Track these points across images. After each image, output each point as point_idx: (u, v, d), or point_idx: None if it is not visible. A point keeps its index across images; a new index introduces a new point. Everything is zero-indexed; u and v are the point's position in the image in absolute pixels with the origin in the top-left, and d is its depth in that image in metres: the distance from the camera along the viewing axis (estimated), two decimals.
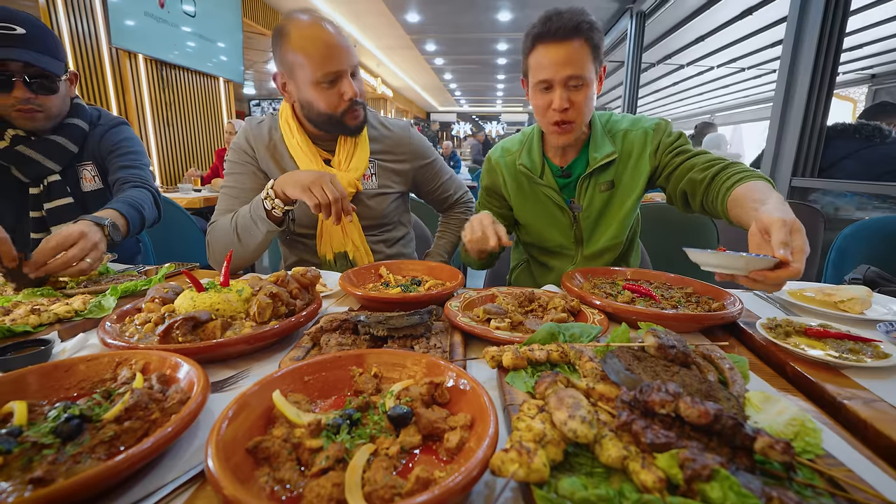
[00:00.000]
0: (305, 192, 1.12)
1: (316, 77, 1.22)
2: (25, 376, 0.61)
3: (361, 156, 1.40)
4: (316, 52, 1.20)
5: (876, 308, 0.97)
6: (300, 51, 1.21)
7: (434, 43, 10.00)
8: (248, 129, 1.43)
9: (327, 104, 1.26)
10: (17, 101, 1.25)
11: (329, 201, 1.11)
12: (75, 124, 1.43)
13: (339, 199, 1.12)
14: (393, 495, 0.40)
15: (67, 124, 1.41)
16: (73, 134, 1.42)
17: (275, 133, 1.40)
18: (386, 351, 0.68)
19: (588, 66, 1.15)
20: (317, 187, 1.12)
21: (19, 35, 1.21)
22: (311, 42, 1.20)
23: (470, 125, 25.16)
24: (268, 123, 1.43)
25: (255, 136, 1.41)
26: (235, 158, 1.41)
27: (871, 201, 2.71)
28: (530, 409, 0.51)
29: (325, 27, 1.22)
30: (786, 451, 0.41)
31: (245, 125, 1.44)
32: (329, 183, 1.12)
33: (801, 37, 2.77)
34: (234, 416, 0.50)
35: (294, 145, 1.36)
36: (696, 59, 8.76)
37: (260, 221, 1.22)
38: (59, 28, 3.87)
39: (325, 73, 1.21)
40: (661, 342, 0.63)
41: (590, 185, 1.33)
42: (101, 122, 1.51)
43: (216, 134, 5.82)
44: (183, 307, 0.82)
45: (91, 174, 1.49)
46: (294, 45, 1.21)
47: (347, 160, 1.39)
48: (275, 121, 1.42)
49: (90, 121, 1.47)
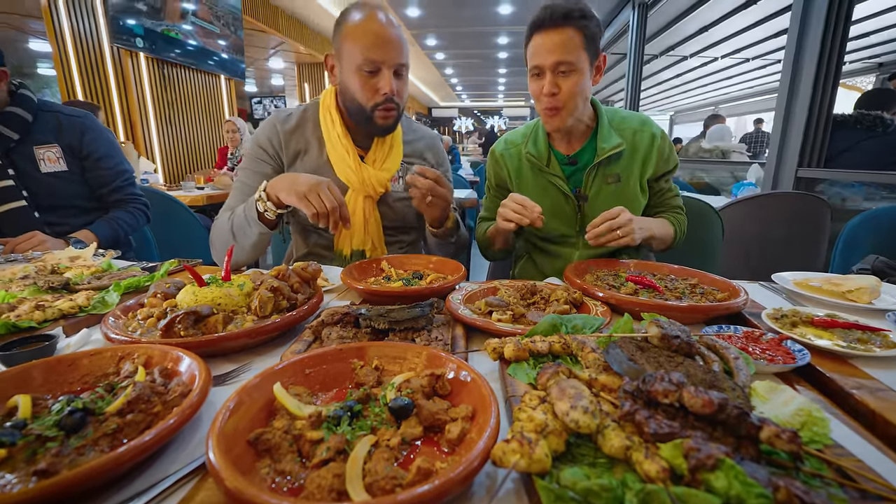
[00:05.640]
0: (302, 201, 1.07)
1: (358, 62, 1.21)
2: (30, 371, 0.61)
3: (395, 157, 1.40)
4: (365, 37, 1.19)
5: (885, 298, 0.96)
6: (352, 34, 1.21)
7: (435, 38, 9.94)
8: (275, 121, 1.39)
9: (362, 93, 1.24)
10: None
11: (327, 210, 1.08)
12: (14, 112, 1.57)
13: (336, 208, 1.08)
14: (394, 486, 0.40)
15: (6, 113, 1.55)
16: (13, 122, 1.56)
17: (308, 123, 1.38)
18: (387, 343, 0.67)
19: (578, 53, 1.17)
20: (314, 195, 1.07)
21: None
22: (364, 29, 1.20)
23: (472, 120, 25.07)
24: (300, 114, 1.40)
25: (281, 129, 1.37)
26: (252, 153, 1.39)
27: (879, 191, 2.68)
28: (532, 400, 0.50)
29: (382, 18, 1.21)
30: (792, 440, 0.41)
31: (272, 117, 1.41)
32: (326, 190, 1.08)
33: (806, 25, 2.73)
34: (235, 409, 0.50)
35: (333, 137, 1.34)
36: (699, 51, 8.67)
37: (253, 223, 1.19)
38: (61, 27, 3.88)
39: (367, 59, 1.20)
40: (665, 332, 0.63)
41: (597, 176, 1.34)
42: (64, 111, 1.69)
43: (218, 132, 5.83)
44: (185, 302, 0.82)
45: (55, 156, 1.64)
46: (349, 29, 1.22)
47: (382, 159, 1.38)
48: (314, 110, 1.40)
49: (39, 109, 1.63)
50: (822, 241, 2.33)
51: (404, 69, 1.27)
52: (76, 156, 1.67)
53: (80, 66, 4.04)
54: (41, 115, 1.63)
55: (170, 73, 4.97)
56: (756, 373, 0.65)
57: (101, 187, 1.74)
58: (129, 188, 1.81)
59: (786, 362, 0.66)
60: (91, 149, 1.69)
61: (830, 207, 2.28)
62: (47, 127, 1.63)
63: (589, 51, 1.19)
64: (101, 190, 1.75)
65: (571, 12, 1.15)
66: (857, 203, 2.76)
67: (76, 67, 4.02)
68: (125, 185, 1.79)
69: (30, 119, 1.59)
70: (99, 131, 1.74)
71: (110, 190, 1.76)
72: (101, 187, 1.74)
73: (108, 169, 1.74)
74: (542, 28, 1.18)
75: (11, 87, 1.59)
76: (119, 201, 1.78)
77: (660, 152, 1.35)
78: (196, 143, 5.48)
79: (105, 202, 1.77)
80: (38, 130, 1.61)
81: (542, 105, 1.25)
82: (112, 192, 1.76)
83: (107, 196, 1.76)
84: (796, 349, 0.70)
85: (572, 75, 1.19)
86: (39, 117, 1.62)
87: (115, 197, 1.77)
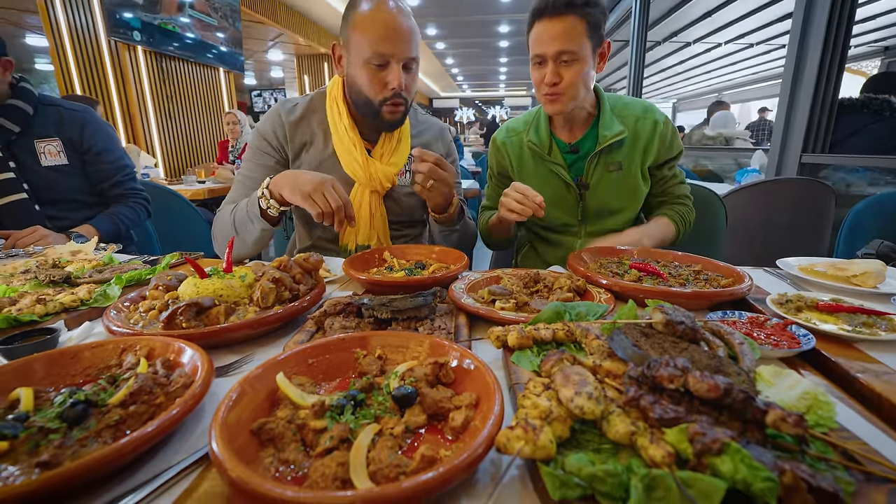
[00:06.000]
0: (307, 200, 1.05)
1: (366, 55, 1.17)
2: (32, 364, 0.61)
3: (403, 151, 1.37)
4: (375, 30, 1.15)
5: (890, 282, 0.95)
6: (360, 25, 1.16)
7: (434, 27, 9.84)
8: (280, 111, 1.35)
9: (370, 87, 1.21)
10: None
11: (332, 210, 1.05)
12: (16, 105, 1.57)
13: (342, 208, 1.06)
14: (398, 474, 0.40)
15: (7, 105, 1.55)
16: (14, 114, 1.56)
17: (314, 114, 1.35)
18: (390, 333, 0.67)
19: (581, 42, 1.15)
20: (318, 195, 1.05)
21: None
22: (372, 20, 1.16)
23: (473, 110, 24.91)
24: (305, 104, 1.37)
25: (286, 120, 1.34)
26: (256, 144, 1.36)
27: (884, 176, 2.65)
28: (536, 387, 0.50)
29: (393, 10, 1.16)
30: (798, 423, 0.40)
31: (277, 107, 1.37)
32: (331, 189, 1.06)
33: (811, 9, 2.69)
34: (238, 399, 0.49)
35: (340, 129, 1.31)
36: (702, 36, 8.55)
37: (255, 219, 1.17)
38: (57, 21, 3.85)
39: (376, 52, 1.16)
40: (670, 318, 0.62)
41: (598, 164, 1.33)
42: (65, 105, 1.69)
43: (218, 125, 5.80)
44: (186, 294, 0.82)
45: (56, 150, 1.64)
46: (357, 18, 1.17)
47: (389, 153, 1.35)
48: (319, 100, 1.37)
49: (39, 102, 1.63)
50: (827, 226, 2.31)
51: (414, 63, 1.23)
52: (77, 150, 1.67)
53: (78, 60, 4.02)
54: (41, 108, 1.63)
55: (168, 66, 4.94)
56: (761, 358, 0.64)
57: (101, 182, 1.74)
58: (129, 183, 1.81)
59: (791, 347, 0.66)
60: (91, 143, 1.69)
61: (835, 193, 2.26)
62: (48, 120, 1.63)
63: (592, 39, 1.17)
64: (102, 184, 1.75)
65: (575, 0, 1.12)
66: (862, 188, 2.73)
67: (73, 62, 4.00)
68: (126, 179, 1.79)
69: (31, 112, 1.59)
70: (99, 125, 1.74)
71: (111, 184, 1.76)
72: (102, 182, 1.74)
73: (109, 163, 1.74)
74: (545, 15, 1.15)
75: (13, 79, 1.59)
76: (120, 196, 1.78)
77: (661, 139, 1.33)
78: (196, 137, 5.46)
79: (106, 197, 1.78)
80: (38, 124, 1.61)
81: (543, 93, 1.23)
82: (113, 186, 1.76)
83: (108, 191, 1.76)
84: (801, 334, 0.69)
85: (575, 64, 1.17)
86: (40, 111, 1.62)
87: (116, 192, 1.77)
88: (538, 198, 1.12)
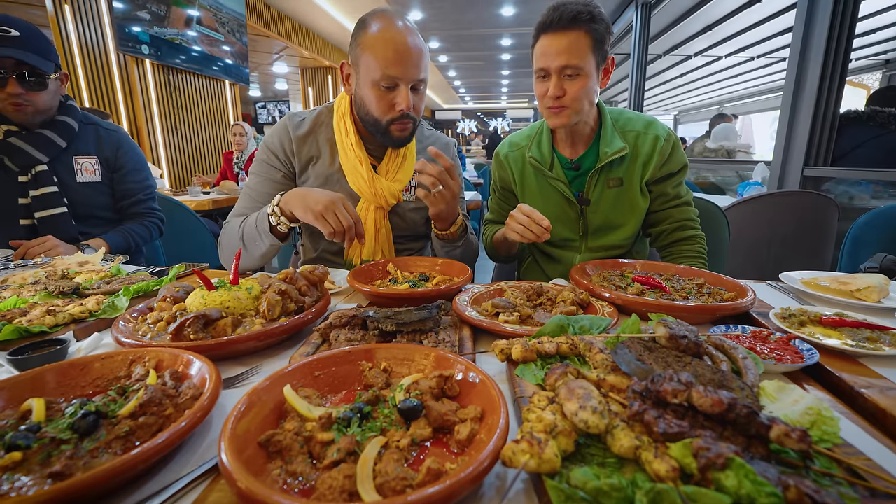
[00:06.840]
0: (319, 220, 1.07)
1: (375, 77, 1.18)
2: (43, 375, 0.62)
3: (408, 167, 1.38)
4: (384, 52, 1.16)
5: (894, 297, 0.95)
6: (370, 47, 1.17)
7: (437, 40, 9.97)
8: (287, 125, 1.36)
9: (378, 108, 1.22)
10: (9, 95, 1.42)
11: (343, 229, 1.07)
12: (65, 121, 1.58)
13: (353, 226, 1.08)
14: (404, 486, 0.40)
15: (57, 121, 1.57)
16: (62, 130, 1.57)
17: (321, 129, 1.36)
18: (395, 345, 0.68)
19: (586, 56, 1.16)
20: (330, 214, 1.06)
21: (13, 37, 1.39)
22: (383, 42, 1.16)
23: (475, 122, 25.09)
24: (313, 118, 1.37)
25: (294, 134, 1.34)
26: (263, 157, 1.37)
27: (887, 189, 2.66)
28: (541, 401, 0.51)
29: (402, 32, 1.17)
30: (802, 439, 0.41)
31: (284, 120, 1.38)
32: (342, 208, 1.07)
33: (811, 23, 2.72)
34: (245, 411, 0.50)
35: (346, 145, 1.32)
36: (703, 50, 8.62)
37: (264, 235, 1.18)
38: (68, 35, 3.93)
39: (385, 75, 1.17)
40: (673, 332, 0.63)
41: (599, 180, 1.33)
42: (102, 125, 1.71)
43: (223, 137, 5.87)
44: (194, 305, 0.83)
45: (93, 167, 1.67)
46: (367, 40, 1.18)
47: (395, 170, 1.36)
48: (327, 115, 1.38)
49: (81, 120, 1.65)
50: (830, 239, 2.31)
51: (422, 84, 1.24)
52: (110, 168, 1.71)
53: (87, 73, 4.09)
54: (82, 126, 1.65)
55: (175, 78, 5.02)
56: (764, 372, 0.64)
57: (123, 199, 1.76)
58: (149, 202, 1.83)
59: (794, 362, 0.66)
60: (123, 162, 1.73)
61: (838, 206, 2.26)
62: (88, 138, 1.66)
63: (596, 54, 1.18)
64: (124, 202, 1.77)
65: (580, 15, 1.13)
66: (865, 201, 2.73)
67: (83, 74, 4.06)
68: (146, 199, 1.82)
69: (76, 128, 1.61)
70: (131, 145, 1.78)
71: (132, 202, 1.77)
72: (124, 199, 1.76)
73: (136, 182, 1.77)
74: (551, 30, 1.16)
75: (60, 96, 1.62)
76: (136, 214, 1.79)
77: (661, 154, 1.31)
78: (201, 148, 5.52)
79: (123, 214, 1.79)
80: (79, 140, 1.64)
81: (547, 105, 1.24)
82: (132, 204, 1.78)
83: (126, 208, 1.78)
84: (805, 348, 0.69)
85: (579, 78, 1.18)
86: (80, 128, 1.64)
87: (134, 210, 1.78)
88: (544, 221, 1.11)
